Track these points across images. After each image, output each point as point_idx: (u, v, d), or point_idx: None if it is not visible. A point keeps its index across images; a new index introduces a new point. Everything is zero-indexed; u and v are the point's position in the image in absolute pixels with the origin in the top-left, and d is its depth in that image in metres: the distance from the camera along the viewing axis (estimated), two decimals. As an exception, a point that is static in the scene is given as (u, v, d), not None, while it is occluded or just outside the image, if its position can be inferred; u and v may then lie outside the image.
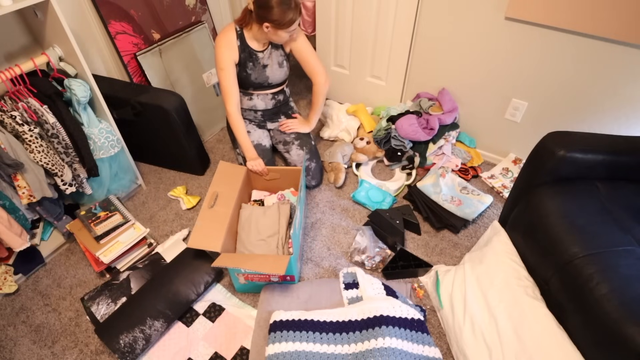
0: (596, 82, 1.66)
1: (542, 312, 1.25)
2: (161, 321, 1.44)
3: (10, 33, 1.61)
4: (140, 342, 1.38)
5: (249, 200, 1.90)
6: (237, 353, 1.43)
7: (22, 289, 1.67)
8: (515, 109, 1.93)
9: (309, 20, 2.44)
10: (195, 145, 2.05)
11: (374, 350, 1.28)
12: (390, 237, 1.71)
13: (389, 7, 2.01)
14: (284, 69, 1.86)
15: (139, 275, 1.58)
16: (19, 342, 1.51)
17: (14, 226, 1.54)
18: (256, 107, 1.95)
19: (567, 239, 1.21)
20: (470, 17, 1.80)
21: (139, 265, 1.63)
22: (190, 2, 2.24)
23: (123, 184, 1.95)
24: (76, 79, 1.62)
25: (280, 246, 1.63)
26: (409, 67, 2.17)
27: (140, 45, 2.06)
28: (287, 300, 1.52)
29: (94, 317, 1.48)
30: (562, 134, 1.37)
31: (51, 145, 1.59)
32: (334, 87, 2.59)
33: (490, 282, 1.39)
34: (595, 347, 1.09)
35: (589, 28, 1.53)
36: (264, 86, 1.88)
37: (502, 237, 1.50)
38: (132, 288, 1.54)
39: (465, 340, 1.32)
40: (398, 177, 2.09)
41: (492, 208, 1.90)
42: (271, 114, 2.01)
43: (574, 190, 1.33)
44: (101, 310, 1.48)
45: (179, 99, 1.90)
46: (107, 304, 1.50)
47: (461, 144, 2.18)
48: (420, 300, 1.57)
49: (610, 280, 1.08)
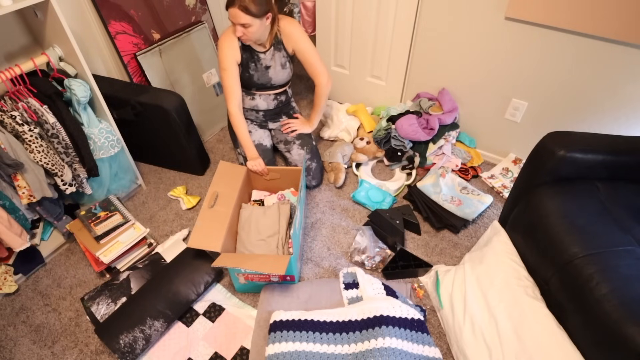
0: (596, 82, 1.66)
1: (542, 312, 1.25)
2: (161, 321, 1.44)
3: (10, 33, 1.61)
4: (140, 342, 1.38)
5: (249, 200, 1.90)
6: (237, 353, 1.43)
7: (22, 289, 1.67)
8: (515, 109, 1.93)
9: (309, 20, 2.45)
10: (195, 145, 2.05)
11: (374, 350, 1.28)
12: (390, 237, 1.71)
13: (389, 7, 2.01)
14: (287, 70, 1.86)
15: (139, 275, 1.58)
16: (19, 342, 1.51)
17: (14, 226, 1.54)
18: (258, 107, 1.95)
19: (567, 239, 1.21)
20: (470, 17, 1.80)
21: (139, 265, 1.63)
22: (190, 2, 2.24)
23: (123, 184, 1.95)
24: (76, 79, 1.62)
25: (280, 246, 1.63)
26: (409, 67, 2.17)
27: (140, 45, 2.06)
28: (287, 300, 1.52)
29: (94, 317, 1.48)
30: (562, 134, 1.37)
31: (51, 145, 1.59)
32: (334, 87, 2.59)
33: (490, 282, 1.39)
34: (595, 347, 1.09)
35: (589, 28, 1.53)
36: (267, 87, 1.88)
37: (502, 237, 1.50)
38: (132, 288, 1.54)
39: (465, 340, 1.32)
40: (398, 177, 2.09)
41: (492, 208, 1.90)
42: (273, 114, 2.02)
43: (574, 190, 1.33)
44: (101, 310, 1.48)
45: (179, 99, 1.90)
46: (107, 304, 1.50)
47: (461, 144, 2.18)
48: (420, 300, 1.57)
49: (610, 280, 1.08)
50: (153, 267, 1.63)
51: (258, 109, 1.97)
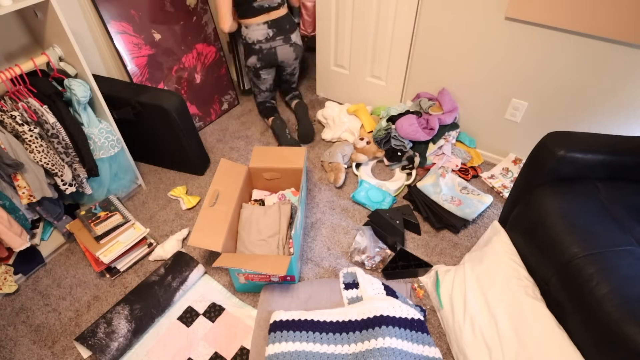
0: (596, 82, 1.66)
1: (542, 312, 1.25)
2: (121, 304, 1.46)
3: (10, 33, 1.61)
4: (102, 326, 1.40)
5: (250, 200, 1.90)
6: (237, 353, 1.43)
7: (22, 289, 1.67)
8: (515, 109, 1.93)
9: (309, 20, 2.44)
10: (195, 145, 2.05)
11: (374, 350, 1.28)
12: (390, 237, 1.71)
13: (389, 7, 2.01)
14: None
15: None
16: (19, 342, 1.51)
17: (14, 226, 1.54)
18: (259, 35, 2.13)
19: (567, 239, 1.21)
20: (470, 17, 1.80)
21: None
22: (192, 2, 2.24)
23: (123, 184, 1.95)
24: (76, 79, 1.62)
25: (280, 246, 1.63)
26: (409, 67, 2.17)
27: (141, 45, 2.06)
28: (287, 300, 1.52)
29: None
30: (562, 134, 1.37)
31: (51, 145, 1.59)
32: (334, 87, 2.59)
33: (490, 282, 1.39)
34: (595, 347, 1.09)
35: (589, 28, 1.53)
36: (265, 8, 2.04)
37: (502, 237, 1.50)
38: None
39: (465, 340, 1.32)
40: (398, 177, 2.09)
41: (492, 208, 1.91)
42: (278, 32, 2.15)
43: (574, 190, 1.33)
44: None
45: (179, 99, 1.90)
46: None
47: (461, 144, 2.18)
48: (420, 300, 1.57)
49: (610, 280, 1.08)
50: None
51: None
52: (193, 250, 1.78)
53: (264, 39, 2.11)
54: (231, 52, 2.49)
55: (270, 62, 2.20)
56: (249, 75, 2.34)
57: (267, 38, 2.11)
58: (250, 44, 2.14)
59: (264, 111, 2.44)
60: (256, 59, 2.17)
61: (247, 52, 2.20)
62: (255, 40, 2.11)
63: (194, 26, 2.28)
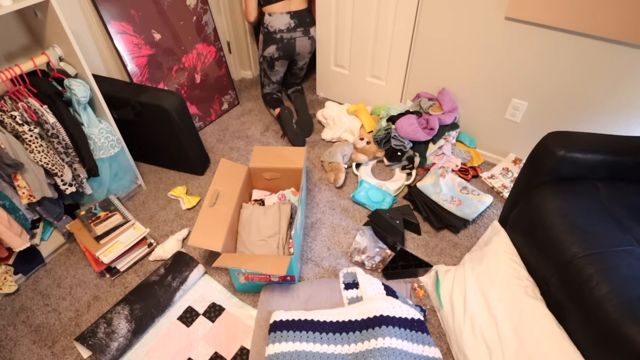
0: (596, 82, 1.66)
1: (542, 312, 1.25)
2: (121, 304, 1.46)
3: (10, 33, 1.61)
4: (102, 326, 1.40)
5: (250, 200, 1.90)
6: (237, 353, 1.43)
7: (22, 289, 1.67)
8: (515, 109, 1.93)
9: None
10: (195, 145, 2.05)
11: (374, 350, 1.28)
12: (390, 237, 1.71)
13: (389, 7, 2.01)
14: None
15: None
16: (19, 342, 1.51)
17: (14, 226, 1.54)
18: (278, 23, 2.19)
19: (567, 239, 1.21)
20: (470, 17, 1.80)
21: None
22: (191, 2, 2.24)
23: (123, 184, 1.95)
24: (76, 79, 1.62)
25: (280, 246, 1.63)
26: (409, 67, 2.17)
27: (141, 45, 2.06)
28: (287, 300, 1.52)
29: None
30: (562, 134, 1.37)
31: (51, 145, 1.59)
32: (334, 87, 2.59)
33: (490, 282, 1.39)
34: (595, 347, 1.09)
35: (589, 28, 1.53)
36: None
37: (502, 237, 1.50)
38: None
39: (465, 340, 1.32)
40: (398, 177, 2.09)
41: (492, 208, 1.90)
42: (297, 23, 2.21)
43: (574, 190, 1.33)
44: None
45: (179, 99, 1.90)
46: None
47: (461, 144, 2.18)
48: (420, 300, 1.57)
49: (610, 280, 1.08)
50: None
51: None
52: (193, 250, 1.78)
53: (286, 29, 2.18)
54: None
55: (289, 52, 2.27)
56: (262, 65, 2.40)
57: (288, 28, 2.18)
58: (271, 32, 2.20)
59: (270, 102, 2.50)
60: (275, 49, 2.24)
61: (265, 41, 2.25)
62: (277, 29, 2.18)
63: (194, 26, 2.28)
